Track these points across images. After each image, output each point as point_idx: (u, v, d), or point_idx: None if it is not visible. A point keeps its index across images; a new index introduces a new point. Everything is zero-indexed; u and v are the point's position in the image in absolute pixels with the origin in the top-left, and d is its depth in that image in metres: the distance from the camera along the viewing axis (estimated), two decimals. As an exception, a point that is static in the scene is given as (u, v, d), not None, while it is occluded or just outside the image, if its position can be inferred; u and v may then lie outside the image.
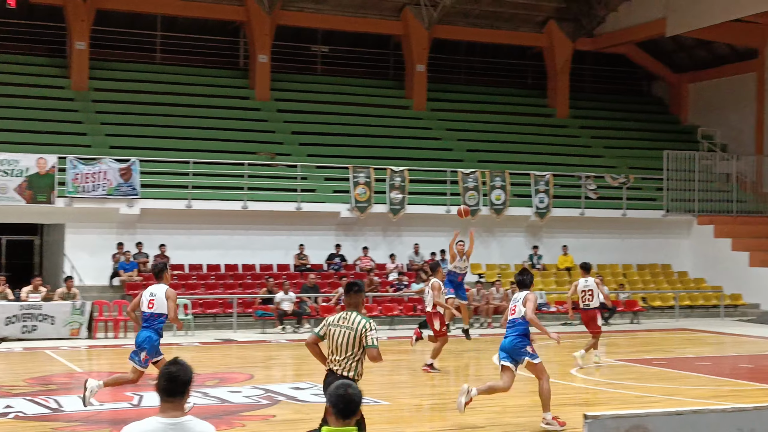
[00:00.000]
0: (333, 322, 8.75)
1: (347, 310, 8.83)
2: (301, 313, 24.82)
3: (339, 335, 8.64)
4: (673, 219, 32.17)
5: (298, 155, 30.50)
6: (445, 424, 12.50)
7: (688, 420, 5.49)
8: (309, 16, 34.02)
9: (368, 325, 8.66)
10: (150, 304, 12.39)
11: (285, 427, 12.02)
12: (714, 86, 38.86)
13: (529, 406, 13.49)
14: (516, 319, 11.92)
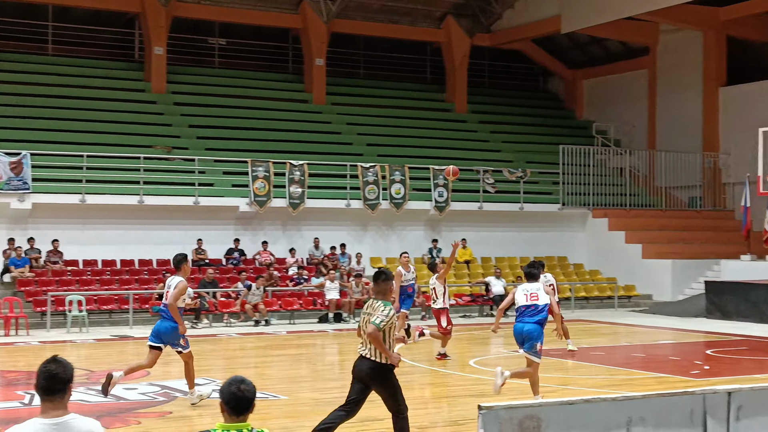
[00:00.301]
0: (363, 311, 9.24)
1: (374, 298, 9.23)
2: (200, 308, 24.53)
3: (364, 322, 9.09)
4: (569, 212, 32.72)
5: (196, 149, 30.15)
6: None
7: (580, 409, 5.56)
8: (206, 8, 33.64)
9: (382, 306, 9.00)
10: (166, 296, 12.96)
11: (181, 424, 11.86)
12: (608, 82, 39.68)
13: (427, 399, 13.56)
14: (538, 306, 12.26)
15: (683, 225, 33.67)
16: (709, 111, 34.91)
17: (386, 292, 9.25)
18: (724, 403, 6.16)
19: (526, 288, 12.48)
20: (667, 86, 36.65)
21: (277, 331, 23.45)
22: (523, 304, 12.36)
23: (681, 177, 34.89)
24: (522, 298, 12.39)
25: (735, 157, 33.83)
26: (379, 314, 8.92)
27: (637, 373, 16.31)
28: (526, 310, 12.33)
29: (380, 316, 8.92)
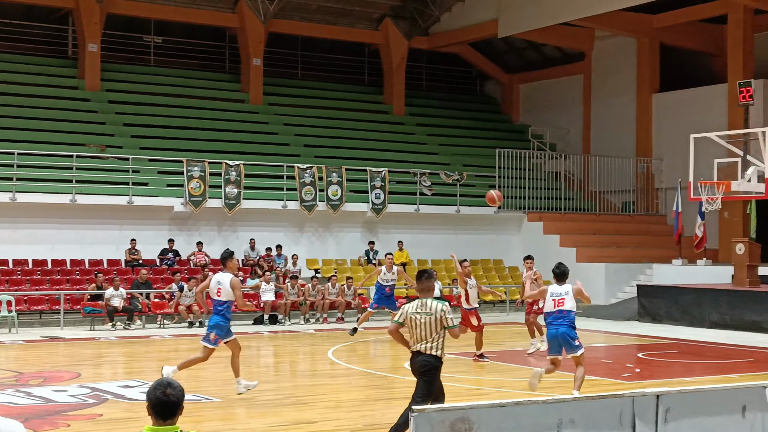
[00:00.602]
0: (412, 311, 9.65)
1: (421, 297, 9.72)
2: (132, 309, 24.24)
3: (421, 322, 9.57)
4: (505, 216, 32.93)
5: (130, 148, 29.81)
6: (278, 419, 12.40)
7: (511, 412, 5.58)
8: (141, 5, 33.29)
9: (444, 308, 9.60)
10: (218, 292, 13.40)
11: (111, 427, 11.70)
12: (544, 87, 40.05)
13: (362, 401, 13.55)
14: (564, 311, 13.05)
15: (616, 229, 34.08)
16: (643, 117, 35.40)
17: (430, 290, 9.78)
18: (653, 406, 6.23)
19: (553, 292, 13.22)
20: (602, 92, 37.11)
21: (453, 317, 23.16)
22: (551, 311, 13.20)
23: (615, 182, 35.31)
24: (550, 304, 13.20)
25: (667, 162, 34.35)
26: (451, 317, 9.61)
27: (570, 376, 16.41)
28: (555, 315, 13.17)
29: (453, 318, 9.66)
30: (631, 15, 33.30)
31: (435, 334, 9.58)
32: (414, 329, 9.64)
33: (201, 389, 14.28)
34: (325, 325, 25.40)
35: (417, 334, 9.62)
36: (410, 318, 9.64)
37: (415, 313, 9.61)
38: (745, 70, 30.42)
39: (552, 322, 13.20)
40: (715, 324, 24.40)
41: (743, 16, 30.98)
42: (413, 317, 9.61)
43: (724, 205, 25.26)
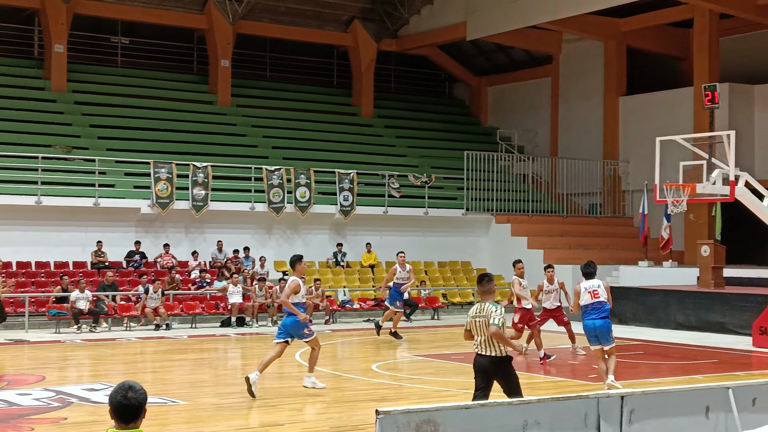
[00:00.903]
0: (473, 314, 10.28)
1: (482, 300, 10.31)
2: (98, 311, 24.07)
3: (479, 324, 10.15)
4: (473, 218, 33.00)
5: (97, 149, 29.61)
6: (245, 422, 12.36)
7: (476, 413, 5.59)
8: (108, 6, 33.08)
9: (494, 308, 10.11)
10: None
11: (76, 430, 11.60)
12: (512, 90, 40.20)
13: (329, 403, 13.51)
14: (601, 302, 14.10)
15: (584, 231, 34.24)
16: (610, 119, 35.61)
17: (491, 293, 10.36)
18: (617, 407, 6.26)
19: (586, 285, 14.20)
20: (570, 94, 37.29)
21: (179, 336, 23.15)
22: (588, 303, 14.13)
23: (582, 184, 35.48)
24: (587, 297, 14.15)
25: (634, 165, 34.55)
26: (495, 315, 10.00)
27: (536, 378, 16.51)
28: (591, 308, 14.15)
29: (496, 316, 10.01)
30: (598, 18, 33.50)
31: (489, 337, 10.11)
32: (475, 331, 10.24)
33: (167, 392, 14.20)
34: (292, 328, 25.29)
35: (477, 334, 10.22)
36: (471, 322, 10.27)
37: (475, 317, 10.23)
38: (710, 74, 30.68)
39: (587, 315, 14.18)
40: (681, 325, 24.56)
41: (709, 21, 31.24)
42: (473, 321, 10.25)
43: (690, 207, 25.44)
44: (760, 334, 21.15)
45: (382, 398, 13.73)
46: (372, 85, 37.82)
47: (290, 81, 37.96)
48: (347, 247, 30.66)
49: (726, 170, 20.57)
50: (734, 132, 21.17)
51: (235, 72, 35.19)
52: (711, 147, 21.25)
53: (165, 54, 36.13)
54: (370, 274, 30.25)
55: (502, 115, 40.15)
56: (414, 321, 27.32)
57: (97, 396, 13.82)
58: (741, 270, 27.51)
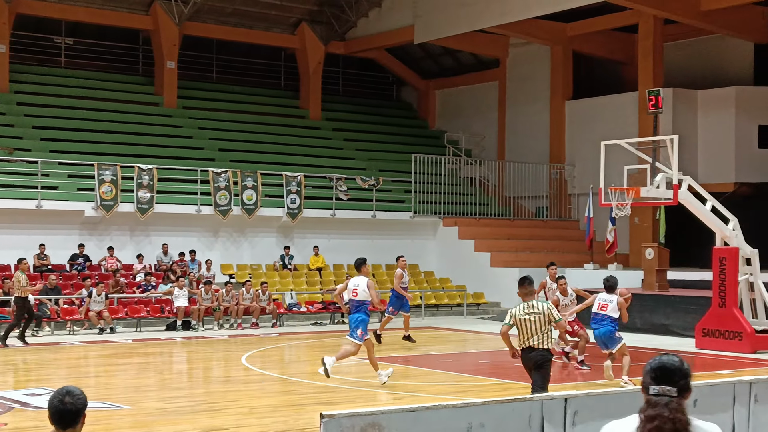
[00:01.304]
0: (520, 313, 11.00)
1: (526, 300, 11.07)
2: (41, 315, 23.72)
3: (531, 322, 10.93)
4: (421, 221, 33.05)
5: (39, 150, 29.22)
6: (190, 426, 12.24)
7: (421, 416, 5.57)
8: (51, 5, 32.68)
9: (549, 306, 11.12)
10: (354, 292, 15.49)
11: (17, 436, 11.42)
12: (459, 93, 40.37)
13: (275, 407, 13.45)
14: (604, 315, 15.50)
15: (530, 234, 34.45)
16: (556, 123, 35.88)
17: (533, 293, 11.32)
18: (561, 409, 6.28)
19: (601, 298, 15.65)
20: (517, 98, 37.53)
21: (123, 339, 22.90)
22: (594, 311, 15.73)
23: (529, 187, 35.69)
24: (595, 306, 15.71)
25: (580, 168, 34.84)
26: (554, 312, 11.05)
27: (483, 380, 16.57)
28: (594, 317, 15.70)
29: (555, 312, 11.11)
30: (545, 23, 33.75)
31: (544, 329, 10.98)
32: (524, 329, 10.98)
33: (111, 397, 14.03)
34: (239, 331, 25.19)
35: (527, 332, 10.98)
36: (519, 319, 10.99)
37: (524, 314, 10.98)
38: (655, 79, 31.04)
39: (593, 323, 15.86)
40: (626, 327, 24.70)
41: (653, 26, 31.62)
42: (522, 318, 10.97)
43: (634, 210, 25.69)
44: (702, 336, 21.43)
45: (329, 401, 13.69)
46: (320, 87, 37.76)
47: (237, 83, 37.79)
48: (295, 250, 30.56)
49: (669, 174, 20.76)
50: (677, 136, 21.37)
51: (181, 73, 34.94)
52: (655, 151, 21.44)
53: (110, 55, 35.78)
54: (317, 277, 30.19)
55: (450, 119, 40.30)
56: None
57: (39, 401, 13.61)
58: (684, 273, 27.85)
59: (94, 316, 24.05)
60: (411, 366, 18.23)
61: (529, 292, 11.22)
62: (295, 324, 27.24)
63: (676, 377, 3.98)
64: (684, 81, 32.81)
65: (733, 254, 21.02)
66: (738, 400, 7.81)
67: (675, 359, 4.11)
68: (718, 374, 16.34)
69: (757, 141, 31.73)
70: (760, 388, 7.97)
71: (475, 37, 35.67)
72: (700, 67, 33.62)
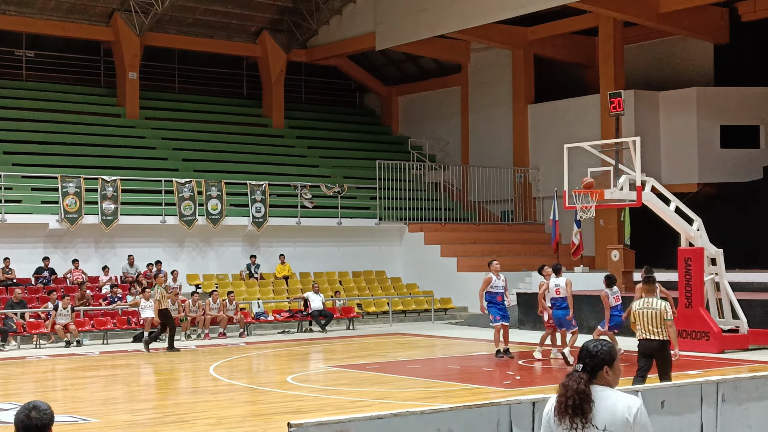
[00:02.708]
0: (639, 307, 12.73)
1: (646, 297, 12.84)
2: (6, 330, 23.52)
3: (648, 315, 12.57)
4: (386, 227, 33.08)
5: (2, 164, 28.96)
6: (157, 439, 12.18)
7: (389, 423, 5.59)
8: (12, 19, 32.45)
9: (665, 305, 12.62)
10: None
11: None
12: (422, 99, 40.47)
13: (243, 417, 13.41)
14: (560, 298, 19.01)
15: (496, 238, 34.55)
16: (519, 127, 36.04)
17: (653, 291, 13.25)
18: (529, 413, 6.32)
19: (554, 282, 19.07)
20: (479, 103, 37.67)
21: (90, 352, 22.74)
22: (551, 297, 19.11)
23: (493, 191, 35.83)
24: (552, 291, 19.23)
25: (544, 172, 35.03)
26: (668, 311, 12.53)
27: (452, 385, 16.60)
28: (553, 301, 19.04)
29: (669, 312, 12.55)
30: (505, 27, 33.92)
31: (659, 325, 12.51)
32: (642, 321, 12.60)
33: (78, 410, 13.93)
34: (207, 341, 25.09)
35: (645, 325, 12.60)
36: (638, 312, 12.65)
37: (642, 308, 12.64)
38: (616, 81, 31.28)
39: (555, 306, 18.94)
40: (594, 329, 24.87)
41: (613, 29, 31.86)
42: (641, 311, 12.63)
43: (599, 213, 25.84)
44: (668, 336, 21.55)
45: (298, 410, 13.68)
46: (282, 95, 37.73)
47: (199, 93, 37.68)
48: (261, 259, 30.49)
49: (633, 176, 20.90)
50: (639, 138, 21.52)
51: (143, 84, 34.79)
52: (618, 153, 21.57)
53: (71, 67, 35.57)
54: (284, 286, 30.12)
55: (413, 124, 40.40)
56: (329, 332, 27.27)
57: (6, 416, 13.49)
58: (649, 273, 28.01)
59: (60, 329, 23.87)
60: (379, 372, 18.24)
61: (651, 289, 13.09)
62: (262, 333, 27.17)
63: (586, 358, 5.05)
64: (645, 83, 33.09)
65: (698, 254, 21.20)
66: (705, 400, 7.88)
67: (592, 344, 5.12)
68: (685, 374, 16.47)
69: (719, 141, 32.05)
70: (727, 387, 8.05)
71: (437, 43, 35.79)
72: (661, 69, 33.91)
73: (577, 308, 25.98)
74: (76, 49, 35.65)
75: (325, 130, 38.83)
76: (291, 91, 39.06)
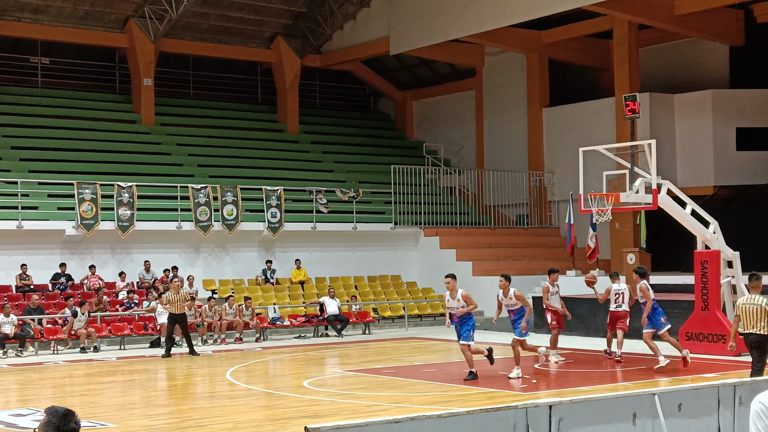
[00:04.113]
0: (743, 302, 13.54)
1: (751, 293, 13.57)
2: (24, 335, 23.63)
3: (751, 310, 13.39)
4: (401, 231, 33.09)
5: (19, 171, 29.12)
6: (174, 444, 12.22)
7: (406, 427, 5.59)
8: (27, 26, 32.62)
9: (767, 301, 13.31)
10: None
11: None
12: (437, 103, 40.46)
13: (260, 421, 13.44)
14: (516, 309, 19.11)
15: (511, 242, 34.52)
16: (534, 131, 35.99)
17: (759, 288, 13.59)
18: (546, 416, 6.31)
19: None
20: (494, 107, 37.64)
21: (107, 357, 22.83)
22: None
23: (508, 195, 35.79)
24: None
25: (559, 175, 34.96)
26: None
27: (468, 389, 16.59)
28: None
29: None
30: (519, 31, 33.88)
31: (762, 320, 13.26)
32: (746, 316, 13.40)
33: (97, 415, 13.99)
34: (223, 346, 25.15)
35: (748, 319, 13.38)
36: (742, 307, 13.46)
37: (746, 304, 13.44)
38: (631, 84, 31.19)
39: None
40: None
41: (628, 32, 31.77)
42: (745, 306, 13.43)
43: (615, 216, 25.78)
44: (686, 340, 21.49)
45: (314, 414, 13.69)
46: (297, 101, 37.78)
47: (214, 98, 37.77)
48: (276, 264, 30.54)
49: (648, 179, 20.86)
50: (655, 141, 21.47)
51: (158, 90, 34.92)
52: (633, 156, 21.53)
53: (86, 74, 35.72)
54: (300, 291, 30.17)
55: (428, 129, 40.39)
56: (345, 336, 27.29)
57: (25, 421, 13.57)
58: (666, 277, 27.95)
59: (83, 334, 23.96)
60: (395, 377, 18.24)
61: (756, 286, 13.62)
62: (278, 338, 27.22)
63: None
64: (660, 85, 33.00)
65: (715, 257, 21.12)
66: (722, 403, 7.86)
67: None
68: (702, 377, 16.42)
69: (735, 143, 31.90)
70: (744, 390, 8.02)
71: (451, 47, 35.78)
72: (676, 71, 33.82)
73: (592, 312, 26.05)
74: (91, 56, 35.79)
75: (340, 135, 38.86)
76: (305, 96, 39.11)
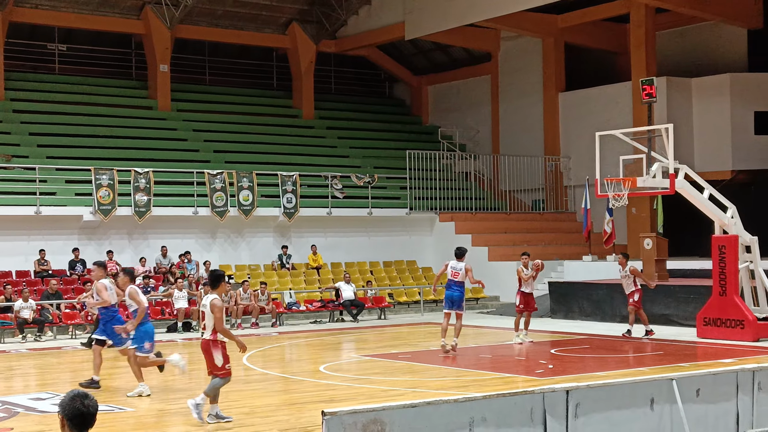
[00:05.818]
0: None
1: None
2: (43, 320, 23.77)
3: None
4: (417, 216, 33.09)
5: (36, 157, 29.25)
6: (193, 428, 12.27)
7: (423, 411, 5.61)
8: (44, 13, 32.71)
9: None
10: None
11: (22, 442, 11.46)
12: (452, 88, 40.38)
13: (277, 406, 13.49)
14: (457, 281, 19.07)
15: (527, 227, 34.48)
16: (550, 116, 35.89)
17: None
18: (563, 401, 6.32)
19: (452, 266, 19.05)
20: (509, 92, 37.54)
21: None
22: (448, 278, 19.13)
23: (524, 180, 35.73)
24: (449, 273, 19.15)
25: (575, 160, 34.88)
26: None
27: (484, 374, 16.60)
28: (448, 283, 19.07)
29: None
30: (535, 15, 33.77)
31: None
32: None
33: (114, 399, 14.08)
34: (239, 331, 25.21)
35: None
36: None
37: None
38: (648, 68, 31.07)
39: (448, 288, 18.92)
40: (626, 318, 24.76)
41: (645, 15, 31.63)
42: None
43: (631, 201, 25.70)
44: (704, 325, 21.44)
45: (331, 399, 13.73)
46: (312, 86, 37.78)
47: (230, 84, 37.82)
48: (292, 249, 30.59)
49: (666, 163, 20.78)
50: (672, 125, 21.37)
51: (174, 76, 34.96)
52: (650, 140, 21.44)
53: (103, 60, 35.81)
54: (315, 276, 30.22)
55: (443, 114, 40.33)
56: (361, 321, 27.34)
57: (44, 405, 13.66)
58: (684, 262, 27.89)
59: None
60: (411, 362, 18.27)
61: None
62: (294, 323, 27.29)
63: None
64: (677, 69, 32.84)
65: (733, 242, 21.03)
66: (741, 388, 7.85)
67: None
68: (720, 363, 16.39)
69: (753, 127, 31.73)
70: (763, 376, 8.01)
71: (466, 32, 35.69)
72: (694, 55, 33.65)
73: (609, 297, 26.03)
74: (108, 43, 35.86)
75: (355, 121, 38.86)
76: (321, 81, 39.10)
